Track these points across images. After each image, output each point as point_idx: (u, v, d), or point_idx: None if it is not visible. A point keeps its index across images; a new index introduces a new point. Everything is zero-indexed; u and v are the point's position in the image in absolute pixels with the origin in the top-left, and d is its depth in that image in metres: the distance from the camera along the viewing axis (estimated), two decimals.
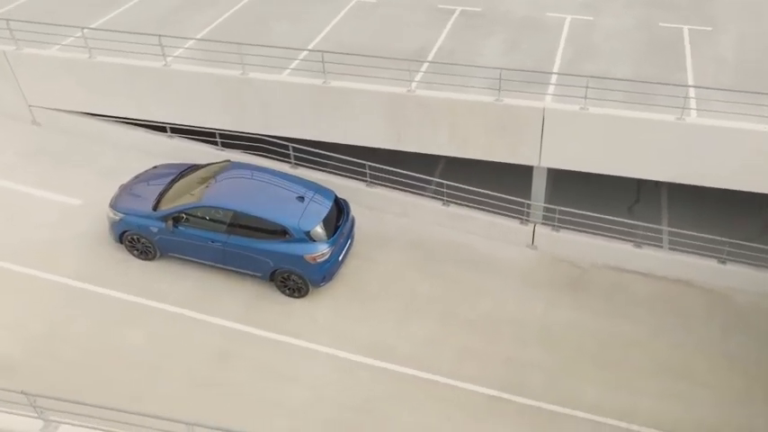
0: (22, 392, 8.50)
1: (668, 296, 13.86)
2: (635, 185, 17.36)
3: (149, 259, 13.66)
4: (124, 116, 16.25)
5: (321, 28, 16.82)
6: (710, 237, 14.06)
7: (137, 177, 14.43)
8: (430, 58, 15.21)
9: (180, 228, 12.95)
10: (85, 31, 15.51)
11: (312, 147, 15.46)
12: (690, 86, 13.08)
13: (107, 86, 15.71)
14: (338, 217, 13.28)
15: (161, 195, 13.55)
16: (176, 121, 15.87)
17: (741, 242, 13.77)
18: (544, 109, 12.99)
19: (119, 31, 15.63)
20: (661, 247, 14.59)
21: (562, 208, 14.26)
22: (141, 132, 16.42)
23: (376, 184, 15.29)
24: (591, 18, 17.13)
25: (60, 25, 15.67)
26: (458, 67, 14.23)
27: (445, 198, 14.96)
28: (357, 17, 17.40)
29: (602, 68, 14.73)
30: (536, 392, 11.89)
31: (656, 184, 17.31)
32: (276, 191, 13.19)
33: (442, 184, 14.75)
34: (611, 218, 14.41)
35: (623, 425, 11.45)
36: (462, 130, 13.66)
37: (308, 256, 12.53)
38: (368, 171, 15.16)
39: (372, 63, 14.22)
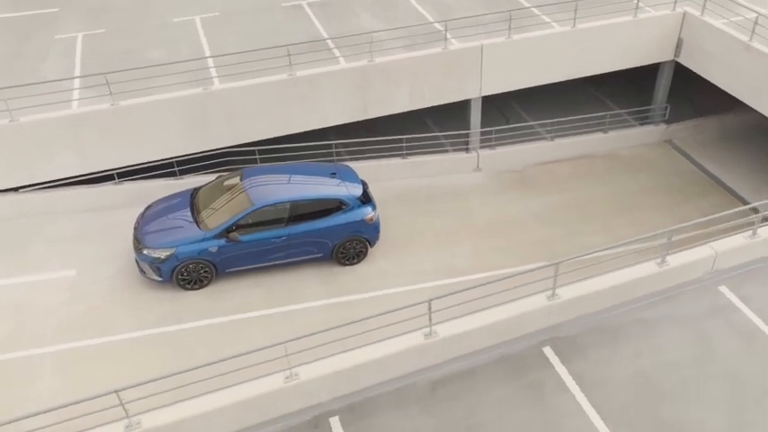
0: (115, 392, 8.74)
1: (583, 168, 18.44)
2: (498, 111, 21.65)
3: (203, 286, 13.39)
4: (58, 178, 14.89)
5: (197, 44, 17.19)
6: (597, 114, 18.93)
7: (141, 219, 13.75)
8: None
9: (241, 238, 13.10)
10: None
11: (269, 145, 16.28)
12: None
13: (39, 148, 14.30)
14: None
15: (197, 218, 13.36)
16: (127, 162, 15.15)
17: (618, 111, 18.96)
18: (482, 45, 16.18)
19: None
20: (551, 138, 19.07)
21: (498, 127, 17.75)
22: (81, 189, 15.19)
23: (344, 159, 16.83)
24: None
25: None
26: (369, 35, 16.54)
27: (404, 152, 17.25)
28: (220, 29, 18.02)
29: (470, 11, 18.28)
30: (568, 252, 15.16)
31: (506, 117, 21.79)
32: (309, 176, 14.10)
33: (401, 139, 16.99)
34: (533, 123, 18.43)
35: (629, 247, 15.47)
36: (420, 84, 16.12)
37: (366, 218, 13.89)
38: (334, 150, 16.62)
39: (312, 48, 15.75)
